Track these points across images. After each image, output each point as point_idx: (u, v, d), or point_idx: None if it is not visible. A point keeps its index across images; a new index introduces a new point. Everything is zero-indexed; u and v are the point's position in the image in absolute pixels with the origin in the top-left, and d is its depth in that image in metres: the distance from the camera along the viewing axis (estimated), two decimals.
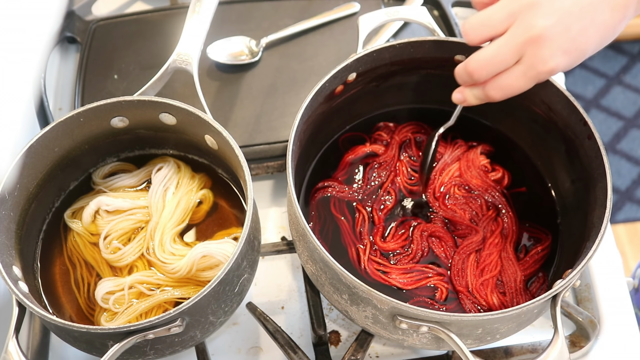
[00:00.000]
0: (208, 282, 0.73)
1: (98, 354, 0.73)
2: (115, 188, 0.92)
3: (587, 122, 0.82)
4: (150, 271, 0.86)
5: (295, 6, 1.17)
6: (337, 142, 0.99)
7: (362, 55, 0.87)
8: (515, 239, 0.91)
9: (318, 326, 0.87)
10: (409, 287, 0.86)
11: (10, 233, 0.80)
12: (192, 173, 0.93)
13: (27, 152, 0.80)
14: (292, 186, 0.77)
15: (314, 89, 0.83)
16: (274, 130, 1.03)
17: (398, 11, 0.91)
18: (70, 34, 1.16)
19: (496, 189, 0.94)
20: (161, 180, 0.91)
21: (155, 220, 0.88)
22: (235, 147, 0.79)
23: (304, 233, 0.76)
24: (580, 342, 0.91)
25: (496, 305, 0.85)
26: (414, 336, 0.76)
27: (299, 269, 0.97)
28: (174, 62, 0.87)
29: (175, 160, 0.93)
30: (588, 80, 2.61)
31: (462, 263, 0.88)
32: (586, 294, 0.95)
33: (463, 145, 0.98)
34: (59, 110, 1.14)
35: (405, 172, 0.96)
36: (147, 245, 0.87)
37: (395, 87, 0.97)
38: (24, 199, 0.83)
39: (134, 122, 0.88)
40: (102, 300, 0.83)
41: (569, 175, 0.91)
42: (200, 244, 0.85)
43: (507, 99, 0.94)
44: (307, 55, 1.11)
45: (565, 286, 0.73)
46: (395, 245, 0.89)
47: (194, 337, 0.77)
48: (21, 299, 0.72)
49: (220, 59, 1.09)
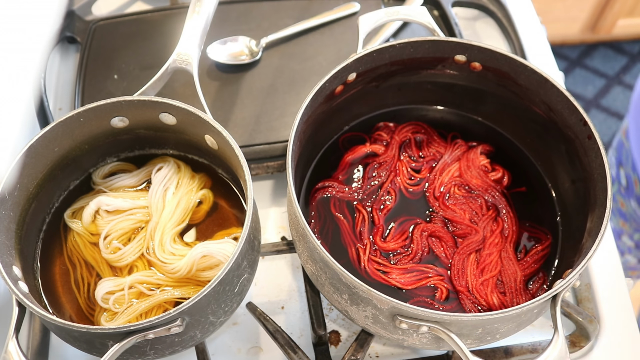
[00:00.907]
0: (208, 282, 0.73)
1: (98, 354, 0.73)
2: (115, 188, 0.92)
3: (587, 122, 0.82)
4: (150, 271, 0.86)
5: (295, 6, 1.17)
6: (337, 142, 0.99)
7: (362, 55, 0.87)
8: (515, 238, 0.91)
9: (318, 326, 0.87)
10: (409, 287, 0.86)
11: (10, 233, 0.80)
12: (192, 173, 0.93)
13: (27, 152, 0.80)
14: (292, 186, 0.77)
15: (314, 89, 0.83)
16: (274, 130, 1.03)
17: (398, 11, 0.91)
18: (70, 34, 1.16)
19: (496, 189, 0.94)
20: (161, 180, 0.91)
21: (155, 220, 0.88)
22: (235, 147, 0.79)
23: (304, 233, 0.76)
24: (580, 342, 0.91)
25: (496, 305, 0.85)
26: (414, 336, 0.76)
27: (299, 269, 0.97)
28: (174, 62, 0.87)
29: (175, 160, 0.93)
30: (588, 80, 2.62)
31: (462, 263, 0.88)
32: (586, 294, 0.95)
33: (463, 145, 0.98)
34: (59, 110, 1.14)
35: (405, 172, 0.96)
36: (147, 245, 0.87)
37: (395, 87, 0.98)
38: (24, 199, 0.83)
39: (134, 122, 0.88)
40: (102, 300, 0.83)
41: (569, 175, 0.91)
42: (200, 244, 0.85)
43: (506, 100, 0.94)
44: (307, 55, 1.11)
45: (565, 286, 0.73)
46: (395, 245, 0.89)
47: (194, 337, 0.77)
48: (21, 299, 0.72)
49: (220, 59, 1.09)
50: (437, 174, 0.95)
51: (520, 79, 0.89)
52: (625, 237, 1.38)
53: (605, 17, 2.46)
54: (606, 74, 2.62)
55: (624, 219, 1.33)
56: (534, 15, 1.23)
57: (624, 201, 1.29)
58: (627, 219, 1.32)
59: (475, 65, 0.91)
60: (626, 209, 1.30)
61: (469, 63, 0.91)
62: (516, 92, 0.91)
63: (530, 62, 0.87)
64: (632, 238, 1.36)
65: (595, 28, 2.55)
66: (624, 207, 1.30)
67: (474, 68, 0.92)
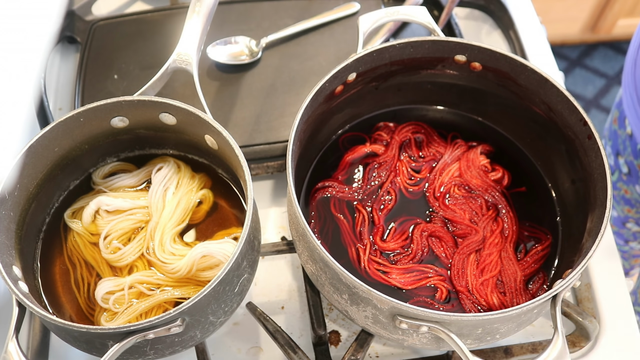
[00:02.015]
0: (208, 282, 0.73)
1: (98, 354, 0.73)
2: (115, 188, 0.92)
3: (587, 122, 0.82)
4: (150, 271, 0.86)
5: (295, 6, 1.17)
6: (337, 142, 0.99)
7: (362, 55, 0.87)
8: (515, 238, 0.91)
9: (318, 326, 0.87)
10: (409, 287, 0.86)
11: (10, 233, 0.80)
12: (192, 173, 0.93)
13: (27, 152, 0.80)
14: (292, 186, 0.77)
15: (314, 89, 0.83)
16: (274, 130, 1.03)
17: (398, 11, 0.91)
18: (70, 34, 1.16)
19: (496, 189, 0.94)
20: (161, 180, 0.91)
21: (155, 220, 0.88)
22: (235, 147, 0.79)
23: (304, 233, 0.76)
24: (580, 342, 0.91)
25: (496, 305, 0.85)
26: (414, 336, 0.76)
27: (299, 269, 0.97)
28: (174, 62, 0.87)
29: (175, 160, 0.93)
30: (588, 80, 2.62)
31: (462, 263, 0.88)
32: (586, 294, 0.95)
33: (463, 145, 0.98)
34: (59, 110, 1.14)
35: (405, 172, 0.96)
36: (147, 245, 0.87)
37: (395, 87, 0.98)
38: (24, 199, 0.83)
39: (134, 122, 0.88)
40: (102, 300, 0.83)
41: (569, 175, 0.91)
42: (200, 244, 0.85)
43: (506, 100, 0.94)
44: (307, 55, 1.11)
45: (565, 286, 0.73)
46: (395, 245, 0.89)
47: (194, 337, 0.77)
48: (21, 299, 0.72)
49: (220, 59, 1.09)
50: (437, 174, 0.95)
51: (520, 79, 0.89)
52: (630, 224, 1.39)
53: (605, 17, 2.46)
54: (606, 74, 2.62)
55: (630, 205, 1.33)
56: (534, 15, 1.23)
57: (627, 188, 1.30)
58: (633, 204, 1.32)
59: (475, 65, 0.91)
60: (630, 194, 1.30)
61: (469, 63, 0.91)
62: (516, 92, 0.91)
63: (530, 62, 0.87)
64: (638, 223, 1.37)
65: (595, 28, 2.55)
66: (628, 193, 1.31)
67: (474, 68, 0.92)
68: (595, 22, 2.52)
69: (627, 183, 1.30)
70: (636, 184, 1.27)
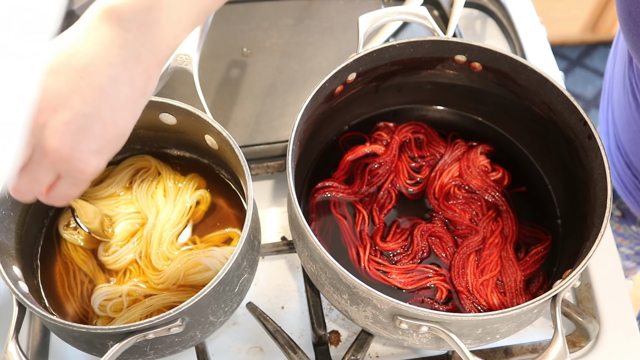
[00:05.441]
0: (203, 286, 0.72)
1: (98, 354, 0.73)
2: (103, 197, 0.90)
3: (587, 122, 0.82)
4: (146, 276, 0.85)
5: (295, 6, 1.17)
6: (337, 142, 0.99)
7: (362, 55, 0.87)
8: (515, 239, 0.91)
9: (318, 326, 0.87)
10: (409, 287, 0.86)
11: (10, 233, 0.80)
12: (178, 174, 0.92)
13: None
14: (292, 186, 0.77)
15: (314, 89, 0.83)
16: (274, 130, 1.03)
17: (398, 11, 0.91)
18: None
19: (496, 189, 0.94)
20: (142, 182, 0.90)
21: (152, 222, 0.88)
22: (235, 147, 0.79)
23: (304, 233, 0.76)
24: (580, 342, 0.91)
25: (496, 305, 0.85)
26: (414, 336, 0.76)
27: (299, 269, 0.97)
28: (174, 62, 0.87)
29: (156, 162, 0.92)
30: (588, 80, 2.62)
31: (462, 263, 0.88)
32: (586, 294, 0.95)
33: (463, 145, 0.98)
34: None
35: (405, 172, 0.96)
36: (144, 250, 0.86)
37: (395, 87, 0.98)
38: None
39: None
40: (99, 308, 0.83)
41: (569, 175, 0.91)
42: (189, 252, 0.85)
43: (506, 100, 0.94)
44: (307, 55, 1.11)
45: (565, 286, 0.73)
46: (395, 245, 0.89)
47: (194, 337, 0.77)
48: (21, 299, 0.72)
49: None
50: (437, 174, 0.95)
51: (520, 79, 0.89)
52: (623, 247, 1.37)
53: (605, 17, 2.46)
54: None
55: (622, 237, 1.32)
56: (534, 15, 1.23)
57: (619, 225, 1.29)
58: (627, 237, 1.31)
59: (475, 65, 0.91)
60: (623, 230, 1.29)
61: (469, 63, 0.91)
62: (516, 92, 0.91)
63: (530, 62, 0.87)
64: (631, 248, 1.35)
65: (595, 28, 2.55)
66: (620, 229, 1.29)
67: (474, 68, 0.92)
68: (595, 22, 2.52)
69: (621, 222, 1.28)
70: (633, 224, 1.26)
